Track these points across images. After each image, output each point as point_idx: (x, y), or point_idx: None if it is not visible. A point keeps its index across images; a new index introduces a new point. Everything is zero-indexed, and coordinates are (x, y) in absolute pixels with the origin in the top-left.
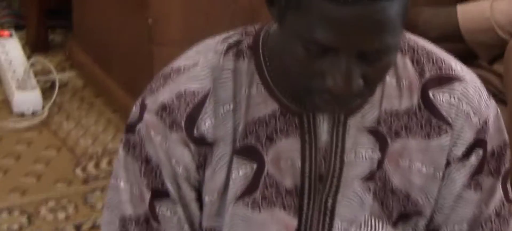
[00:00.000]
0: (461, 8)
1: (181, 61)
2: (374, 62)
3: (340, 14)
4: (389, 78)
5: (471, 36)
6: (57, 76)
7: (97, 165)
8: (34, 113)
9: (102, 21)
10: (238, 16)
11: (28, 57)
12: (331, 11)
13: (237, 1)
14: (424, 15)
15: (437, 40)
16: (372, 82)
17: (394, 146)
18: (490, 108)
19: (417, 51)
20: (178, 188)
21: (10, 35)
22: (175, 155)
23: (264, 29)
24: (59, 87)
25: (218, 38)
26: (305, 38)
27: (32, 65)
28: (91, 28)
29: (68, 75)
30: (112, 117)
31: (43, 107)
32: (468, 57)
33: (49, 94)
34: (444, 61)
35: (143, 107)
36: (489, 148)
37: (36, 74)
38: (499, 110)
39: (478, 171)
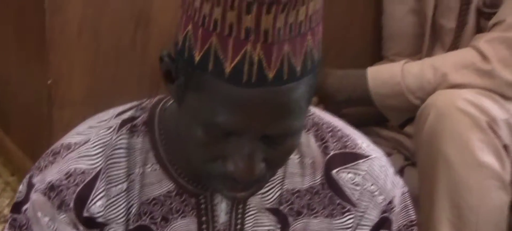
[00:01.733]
0: (371, 71)
1: (71, 137)
2: (278, 145)
3: (243, 97)
4: (292, 156)
5: (382, 100)
6: None
7: None
8: None
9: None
10: (144, 79)
11: None
12: (234, 94)
13: (143, 64)
14: (333, 77)
15: (345, 103)
16: (275, 165)
17: (296, 226)
18: (396, 187)
19: (322, 128)
20: None
21: None
22: None
23: (160, 104)
24: None
25: (112, 112)
26: (206, 122)
27: None
28: None
29: None
30: (10, 180)
31: None
32: (380, 119)
33: None
34: (349, 138)
35: (30, 186)
36: (394, 227)
37: None
38: (406, 188)
39: None
